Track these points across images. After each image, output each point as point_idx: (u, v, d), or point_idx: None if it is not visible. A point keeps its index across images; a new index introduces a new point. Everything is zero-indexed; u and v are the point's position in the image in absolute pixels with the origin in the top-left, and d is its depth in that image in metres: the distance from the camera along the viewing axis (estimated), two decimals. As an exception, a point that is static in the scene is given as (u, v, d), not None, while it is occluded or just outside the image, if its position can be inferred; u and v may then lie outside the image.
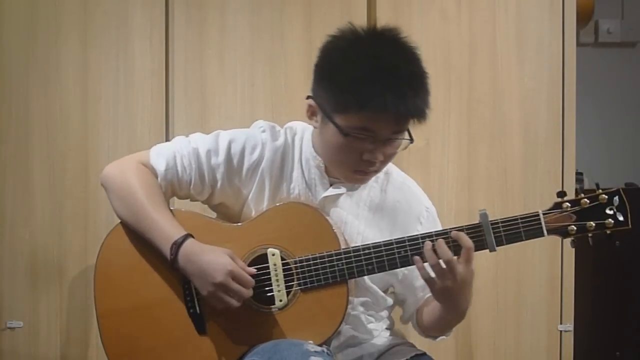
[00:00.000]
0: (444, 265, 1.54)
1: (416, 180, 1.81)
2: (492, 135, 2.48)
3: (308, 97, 1.67)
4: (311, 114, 1.67)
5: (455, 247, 1.56)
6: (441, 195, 2.42)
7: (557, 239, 1.56)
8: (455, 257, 1.55)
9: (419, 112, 1.59)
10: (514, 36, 2.48)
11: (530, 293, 2.47)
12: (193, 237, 1.65)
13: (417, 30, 2.45)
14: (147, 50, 2.38)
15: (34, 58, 2.34)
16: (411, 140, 1.63)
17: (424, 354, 1.75)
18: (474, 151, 2.47)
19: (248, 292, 1.61)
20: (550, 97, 2.48)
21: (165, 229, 1.65)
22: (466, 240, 1.55)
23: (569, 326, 2.46)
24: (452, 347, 2.45)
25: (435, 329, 1.75)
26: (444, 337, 1.78)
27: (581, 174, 3.01)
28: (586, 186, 3.14)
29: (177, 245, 1.62)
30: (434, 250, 1.56)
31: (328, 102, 1.60)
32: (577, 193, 1.56)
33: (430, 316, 1.72)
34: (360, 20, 2.42)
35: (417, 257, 1.57)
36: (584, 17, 3.19)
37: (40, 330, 2.34)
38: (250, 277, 1.61)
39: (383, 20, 2.45)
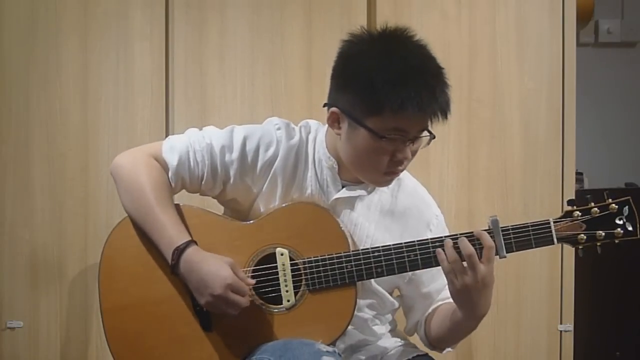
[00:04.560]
0: (464, 262, 1.54)
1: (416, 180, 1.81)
2: (492, 135, 2.47)
3: (326, 105, 1.65)
4: (333, 121, 1.64)
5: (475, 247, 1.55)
6: (441, 195, 2.41)
7: (557, 238, 1.56)
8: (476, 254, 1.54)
9: (447, 108, 1.60)
10: (514, 36, 2.48)
11: (530, 293, 2.47)
12: (196, 243, 1.63)
13: (417, 30, 2.39)
14: (147, 51, 2.38)
15: (34, 58, 2.34)
16: (434, 136, 1.64)
17: (426, 354, 1.75)
18: (474, 151, 2.47)
19: (246, 302, 1.60)
20: (550, 97, 2.48)
21: (169, 232, 1.64)
22: (487, 239, 1.55)
23: (569, 326, 2.46)
24: (452, 347, 2.45)
25: (445, 339, 1.73)
26: (449, 349, 1.76)
27: (581, 174, 3.01)
28: (586, 186, 3.15)
29: (179, 251, 1.61)
30: (456, 247, 1.55)
31: (358, 106, 1.57)
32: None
33: (443, 324, 1.69)
34: (360, 21, 2.42)
35: (439, 250, 1.56)
36: (584, 17, 3.19)
37: (40, 330, 2.34)
38: (247, 288, 1.60)
39: (383, 20, 2.45)
